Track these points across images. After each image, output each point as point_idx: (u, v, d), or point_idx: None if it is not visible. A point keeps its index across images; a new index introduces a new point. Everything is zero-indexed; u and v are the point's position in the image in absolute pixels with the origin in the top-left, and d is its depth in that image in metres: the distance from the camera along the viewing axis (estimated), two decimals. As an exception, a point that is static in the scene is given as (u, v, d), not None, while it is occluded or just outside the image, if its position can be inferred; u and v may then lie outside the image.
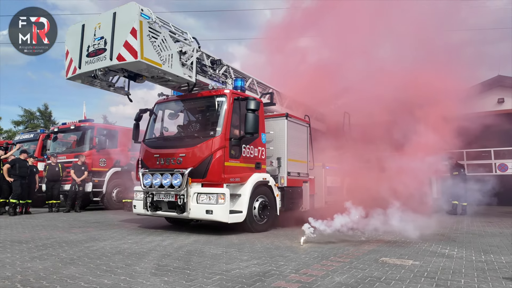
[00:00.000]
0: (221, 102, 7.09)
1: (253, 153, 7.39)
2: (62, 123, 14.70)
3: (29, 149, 15.28)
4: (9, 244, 5.63)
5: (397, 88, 9.30)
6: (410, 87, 9.19)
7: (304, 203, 8.56)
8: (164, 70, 6.38)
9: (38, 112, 35.88)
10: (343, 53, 9.97)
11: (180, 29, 6.92)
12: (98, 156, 12.82)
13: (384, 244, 5.91)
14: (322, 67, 9.56)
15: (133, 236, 6.53)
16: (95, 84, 7.04)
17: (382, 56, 10.31)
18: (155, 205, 7.15)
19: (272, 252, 5.11)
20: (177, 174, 6.82)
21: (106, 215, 11.16)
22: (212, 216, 6.57)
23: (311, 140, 9.11)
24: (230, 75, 8.10)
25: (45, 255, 4.82)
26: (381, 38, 10.20)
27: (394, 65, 9.67)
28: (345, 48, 10.00)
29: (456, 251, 5.30)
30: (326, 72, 9.36)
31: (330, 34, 10.41)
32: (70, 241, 5.97)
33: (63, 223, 8.66)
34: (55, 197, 12.15)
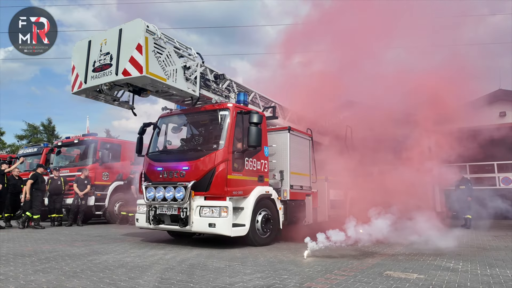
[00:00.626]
0: (224, 115, 7.16)
1: (256, 166, 7.42)
2: (66, 137, 14.81)
3: (33, 163, 15.40)
4: (12, 258, 5.62)
5: (402, 100, 9.37)
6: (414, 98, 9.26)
7: (307, 216, 8.53)
8: (169, 85, 6.48)
9: (42, 126, 36.15)
10: (347, 65, 10.08)
11: (184, 44, 7.07)
12: (101, 169, 12.87)
13: (388, 257, 5.87)
14: (325, 79, 9.65)
15: (135, 250, 6.51)
16: (99, 98, 7.15)
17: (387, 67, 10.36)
18: (158, 219, 7.15)
19: (276, 265, 5.08)
20: (180, 187, 6.84)
21: (108, 229, 11.13)
22: (215, 230, 6.56)
23: (313, 153, 9.14)
24: (233, 89, 8.21)
25: (48, 268, 4.81)
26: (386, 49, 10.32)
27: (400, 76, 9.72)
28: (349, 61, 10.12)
29: (461, 265, 5.25)
30: (329, 85, 9.45)
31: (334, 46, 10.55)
32: (72, 254, 5.96)
33: (66, 237, 8.65)
34: (57, 211, 12.13)
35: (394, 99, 9.54)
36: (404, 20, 9.59)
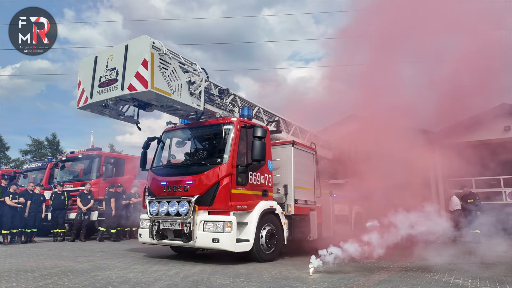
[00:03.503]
0: (228, 130, 7.18)
1: (260, 180, 7.39)
2: (70, 152, 14.89)
3: (37, 177, 15.43)
4: (14, 273, 5.57)
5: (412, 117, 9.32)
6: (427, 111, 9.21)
7: (311, 231, 8.43)
8: (174, 99, 6.54)
9: (46, 141, 36.42)
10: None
11: (189, 60, 7.16)
12: (104, 184, 12.86)
13: (395, 274, 5.76)
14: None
15: (138, 266, 6.43)
16: (104, 113, 7.21)
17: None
18: (161, 234, 7.09)
19: (281, 282, 4.99)
20: (184, 202, 6.81)
21: (111, 244, 11.04)
22: (219, 245, 6.48)
23: (317, 167, 9.10)
24: (237, 104, 8.26)
25: (51, 284, 4.76)
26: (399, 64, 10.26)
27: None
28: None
29: (470, 282, 5.14)
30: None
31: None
32: (75, 270, 5.89)
33: (68, 252, 8.57)
34: (60, 226, 12.07)
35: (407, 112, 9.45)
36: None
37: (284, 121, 9.63)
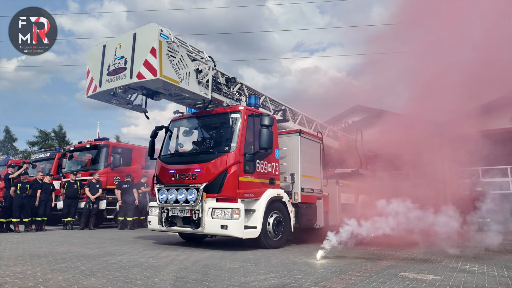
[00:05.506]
0: (236, 118, 7.22)
1: (267, 168, 7.44)
2: (78, 142, 15.02)
3: (45, 168, 15.62)
4: (29, 258, 5.71)
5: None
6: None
7: (318, 219, 8.50)
8: (182, 88, 6.57)
9: (53, 133, 36.67)
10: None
11: (196, 48, 7.17)
12: (112, 174, 13.00)
13: (402, 260, 5.82)
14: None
15: (148, 251, 6.56)
16: (113, 102, 7.27)
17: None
18: (170, 221, 7.20)
19: (289, 266, 5.08)
20: (192, 189, 6.89)
21: (120, 232, 11.22)
22: (227, 231, 6.58)
23: (324, 156, 9.13)
24: (244, 93, 8.27)
25: (65, 267, 4.88)
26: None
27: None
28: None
29: (477, 267, 5.18)
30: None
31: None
32: (87, 255, 6.02)
33: (79, 239, 8.74)
34: (72, 215, 12.26)
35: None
36: None
37: (290, 110, 9.63)
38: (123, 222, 12.22)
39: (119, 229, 12.12)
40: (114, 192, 12.61)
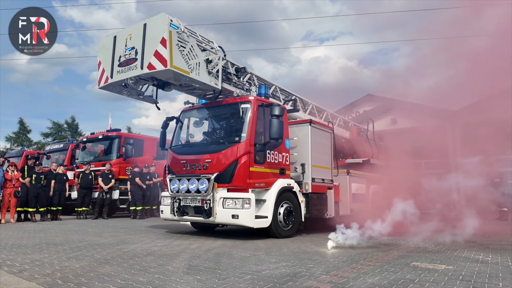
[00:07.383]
0: (246, 108, 7.21)
1: (278, 158, 7.44)
2: (91, 133, 15.24)
3: (59, 158, 15.93)
4: (45, 246, 5.86)
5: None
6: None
7: (329, 209, 8.50)
8: (192, 78, 6.57)
9: (66, 124, 37.25)
10: None
11: (206, 38, 7.14)
12: (124, 164, 13.19)
13: (414, 250, 5.79)
14: None
15: (161, 240, 6.67)
16: (124, 93, 7.32)
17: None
18: (182, 210, 7.29)
19: (300, 255, 5.10)
20: (203, 179, 6.95)
21: (133, 221, 11.42)
22: (238, 221, 6.63)
23: (335, 146, 9.08)
24: (254, 83, 8.24)
25: (80, 255, 5.00)
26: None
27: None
28: None
29: (490, 257, 5.13)
30: None
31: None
32: (102, 243, 6.16)
33: (93, 229, 8.93)
34: (86, 205, 12.52)
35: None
36: None
37: (301, 100, 9.58)
38: (135, 212, 12.42)
39: (132, 218, 12.33)
40: (126, 182, 12.81)
